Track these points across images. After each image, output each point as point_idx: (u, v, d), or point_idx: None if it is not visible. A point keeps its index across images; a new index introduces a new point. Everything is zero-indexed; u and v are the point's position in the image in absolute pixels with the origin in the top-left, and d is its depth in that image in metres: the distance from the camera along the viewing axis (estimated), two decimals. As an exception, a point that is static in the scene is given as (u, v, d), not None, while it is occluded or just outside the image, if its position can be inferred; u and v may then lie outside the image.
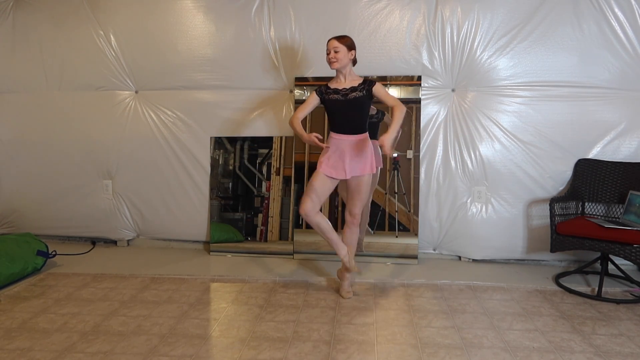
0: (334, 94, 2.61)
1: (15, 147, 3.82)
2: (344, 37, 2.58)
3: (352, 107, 2.57)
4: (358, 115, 2.58)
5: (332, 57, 2.54)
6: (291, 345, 2.19)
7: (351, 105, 2.57)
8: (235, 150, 3.61)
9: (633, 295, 2.80)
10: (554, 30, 3.13)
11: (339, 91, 2.61)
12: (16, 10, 3.71)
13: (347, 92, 2.59)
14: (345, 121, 2.59)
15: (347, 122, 2.59)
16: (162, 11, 3.50)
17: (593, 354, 2.12)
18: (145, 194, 3.70)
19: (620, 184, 3.07)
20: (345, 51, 2.55)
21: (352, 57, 2.59)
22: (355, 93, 2.57)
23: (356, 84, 2.60)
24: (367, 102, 2.59)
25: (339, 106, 2.59)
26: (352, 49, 2.58)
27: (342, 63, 2.56)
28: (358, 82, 2.61)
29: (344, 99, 2.58)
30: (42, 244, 3.23)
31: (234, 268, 3.26)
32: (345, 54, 2.55)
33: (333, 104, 2.61)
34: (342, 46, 2.54)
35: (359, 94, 2.57)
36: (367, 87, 2.57)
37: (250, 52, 3.44)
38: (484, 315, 2.53)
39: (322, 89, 2.66)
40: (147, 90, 3.63)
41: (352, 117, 2.58)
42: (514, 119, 3.23)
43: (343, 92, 2.60)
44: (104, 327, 2.37)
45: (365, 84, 2.58)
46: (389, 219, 3.39)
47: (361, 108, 2.58)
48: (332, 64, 2.56)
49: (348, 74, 2.62)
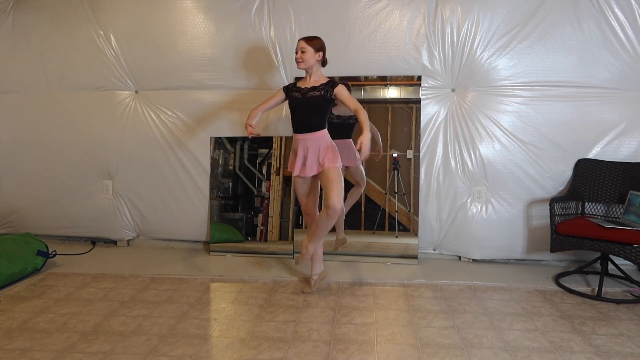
0: (295, 92, 2.68)
1: (16, 147, 3.82)
2: (313, 38, 2.62)
3: (308, 106, 2.61)
4: (313, 114, 2.61)
5: (299, 57, 2.60)
6: (291, 345, 2.19)
7: (307, 104, 2.61)
8: (235, 150, 3.61)
9: (633, 295, 2.80)
10: (554, 30, 3.13)
11: (301, 89, 2.66)
12: (16, 10, 3.71)
13: (307, 91, 2.63)
14: (300, 119, 2.64)
15: (302, 121, 2.63)
16: (162, 11, 3.50)
17: (593, 354, 2.12)
18: (145, 194, 3.70)
19: (620, 184, 3.07)
20: (312, 52, 2.59)
21: (319, 58, 2.64)
22: (314, 92, 2.61)
23: (318, 84, 2.63)
24: (324, 102, 2.60)
25: (297, 104, 2.66)
26: (319, 50, 2.62)
27: (308, 64, 2.61)
28: (321, 82, 2.64)
29: (302, 97, 2.63)
30: (42, 244, 3.23)
31: (234, 268, 3.26)
32: (312, 55, 2.60)
33: (292, 102, 2.68)
34: (309, 47, 2.59)
35: (316, 93, 2.60)
36: (328, 87, 2.59)
37: (250, 52, 3.44)
38: (484, 315, 2.53)
39: (289, 86, 2.74)
40: (147, 90, 3.63)
41: (307, 116, 2.61)
42: (514, 119, 3.23)
43: (304, 90, 2.65)
44: (104, 327, 2.37)
45: (328, 85, 2.60)
46: (389, 219, 3.39)
47: (316, 107, 2.60)
48: (299, 64, 2.62)
49: (314, 74, 2.66)
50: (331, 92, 2.58)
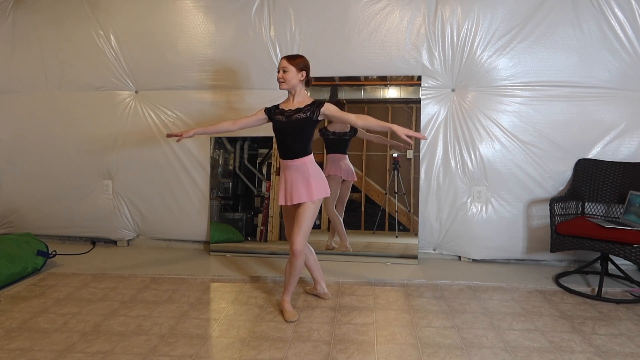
0: (279, 115, 2.50)
1: (15, 147, 3.82)
2: (296, 57, 2.47)
3: (292, 130, 2.44)
4: (297, 139, 2.44)
5: (280, 78, 2.45)
6: (291, 345, 2.19)
7: (292, 128, 2.44)
8: (235, 150, 3.61)
9: (633, 295, 2.80)
10: (554, 30, 3.13)
11: (284, 112, 2.48)
12: (16, 10, 3.71)
13: (291, 114, 2.46)
14: (285, 144, 2.46)
15: (287, 146, 2.46)
16: (162, 11, 3.50)
17: (593, 354, 2.12)
18: (145, 194, 3.70)
19: (620, 184, 3.07)
20: (295, 72, 2.43)
21: (302, 78, 2.46)
22: (298, 115, 2.44)
23: (302, 105, 2.46)
24: (309, 125, 2.44)
25: (281, 127, 2.48)
26: (303, 70, 2.46)
27: (290, 84, 2.44)
28: (305, 103, 2.46)
29: (287, 121, 2.46)
30: (42, 244, 3.23)
31: (234, 268, 3.26)
32: (294, 75, 2.43)
33: (277, 125, 2.50)
34: (291, 67, 2.43)
35: (301, 116, 2.43)
36: (313, 108, 2.43)
37: (250, 52, 3.44)
38: (484, 315, 2.53)
39: (272, 108, 2.56)
40: (147, 90, 3.63)
41: (291, 141, 2.44)
42: (514, 119, 3.23)
43: (288, 113, 2.47)
44: (104, 327, 2.37)
45: (313, 106, 2.44)
46: (389, 219, 3.39)
47: (301, 130, 2.44)
48: (280, 85, 2.47)
49: (297, 95, 2.49)
50: (317, 113, 2.42)
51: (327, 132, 3.39)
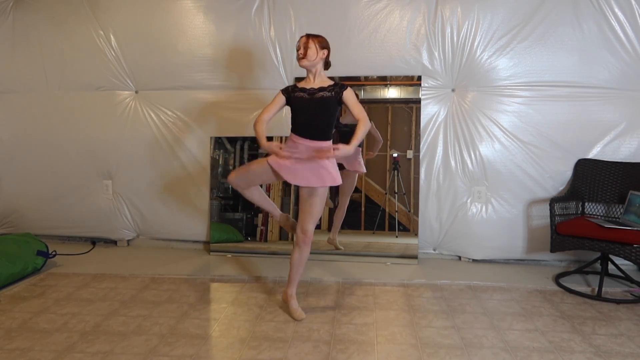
0: (300, 92, 2.40)
1: (16, 147, 3.82)
2: (317, 35, 2.41)
3: (317, 108, 2.36)
4: (323, 118, 2.38)
5: (301, 53, 2.36)
6: (291, 345, 2.19)
7: (317, 106, 2.36)
8: (235, 150, 3.61)
9: (633, 295, 2.80)
10: (554, 31, 3.13)
11: (306, 90, 2.40)
12: (16, 10, 3.71)
13: (314, 92, 2.38)
14: (308, 123, 2.38)
15: (310, 125, 2.37)
16: (162, 11, 3.50)
17: (593, 354, 2.12)
18: (145, 194, 3.70)
19: (620, 184, 3.07)
20: (316, 49, 2.36)
21: (323, 56, 2.40)
22: (323, 93, 2.37)
23: (326, 84, 2.41)
24: (334, 105, 2.38)
25: (304, 105, 2.38)
26: (324, 48, 2.40)
27: (311, 60, 2.36)
28: (328, 83, 2.42)
29: (310, 98, 2.37)
30: (42, 244, 3.23)
31: (234, 268, 3.26)
32: (316, 52, 2.36)
33: (298, 102, 2.39)
34: (313, 43, 2.36)
35: (327, 94, 2.36)
36: (337, 89, 2.37)
37: (250, 52, 3.44)
38: (484, 315, 2.53)
39: (289, 87, 2.47)
40: (147, 90, 3.63)
41: (316, 119, 2.37)
42: (514, 119, 3.23)
43: (310, 91, 2.39)
44: (104, 327, 2.37)
45: (336, 87, 2.38)
46: (389, 219, 3.39)
47: (327, 109, 2.37)
48: (300, 61, 2.37)
49: (318, 75, 2.42)
50: (340, 95, 2.36)
51: (339, 124, 3.32)
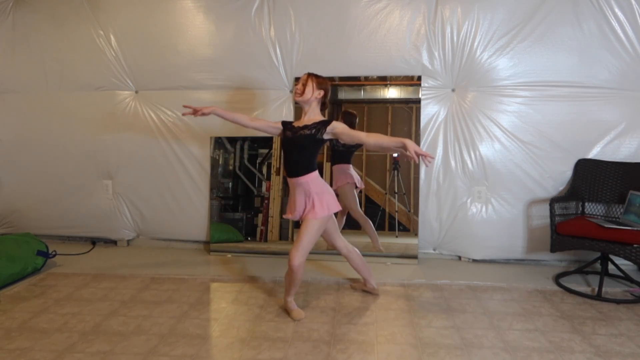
0: (288, 131, 2.49)
1: (16, 147, 3.82)
2: (320, 76, 2.48)
3: (295, 146, 2.43)
4: (298, 156, 2.42)
5: (298, 89, 2.45)
6: (291, 345, 2.19)
7: (295, 144, 2.43)
8: (235, 150, 3.61)
9: (633, 295, 2.79)
10: (554, 30, 3.13)
11: (293, 128, 2.47)
12: (16, 10, 3.71)
13: (297, 130, 2.44)
14: (288, 161, 2.47)
15: (289, 163, 2.46)
16: (162, 11, 3.50)
17: (593, 354, 2.12)
18: (145, 194, 3.70)
19: (620, 184, 3.07)
20: (313, 88, 2.43)
21: (319, 96, 2.45)
22: (303, 131, 2.41)
23: (311, 122, 2.43)
24: (313, 143, 2.40)
25: (286, 144, 2.48)
26: (322, 89, 2.45)
27: (305, 98, 2.43)
28: (314, 121, 2.43)
29: (292, 137, 2.45)
30: (42, 244, 3.23)
31: (234, 268, 3.26)
32: (312, 91, 2.43)
33: (283, 141, 2.52)
34: (311, 82, 2.44)
35: (306, 132, 2.40)
36: (319, 126, 2.39)
37: (250, 52, 3.44)
38: (484, 315, 2.53)
39: (286, 122, 2.56)
40: (147, 90, 3.63)
41: (294, 157, 2.44)
42: (514, 119, 3.23)
43: (295, 129, 2.45)
44: (104, 327, 2.37)
45: (320, 124, 2.40)
46: (389, 219, 3.39)
47: (304, 148, 2.41)
48: (295, 96, 2.47)
49: (309, 112, 2.47)
50: (323, 131, 2.36)
51: (338, 144, 3.37)
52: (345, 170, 3.37)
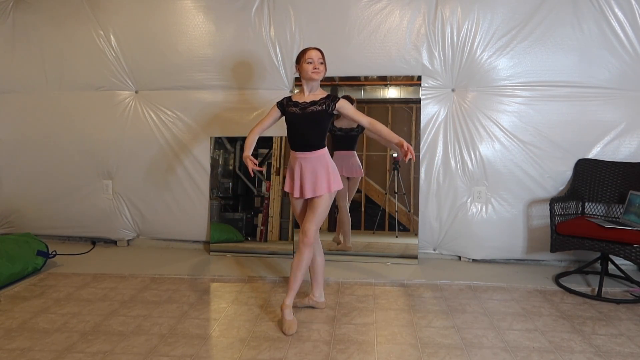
0: (293, 107, 2.46)
1: (16, 147, 3.82)
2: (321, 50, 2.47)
3: (308, 122, 2.41)
4: (313, 131, 2.42)
5: (317, 68, 2.40)
6: (291, 345, 2.19)
7: (307, 120, 2.41)
8: (235, 150, 3.61)
9: (633, 295, 2.80)
10: (554, 31, 3.13)
11: (299, 104, 2.45)
12: (16, 10, 3.71)
13: (306, 106, 2.43)
14: (300, 136, 2.44)
15: (302, 138, 2.43)
16: (162, 11, 3.50)
17: (593, 354, 2.12)
18: (145, 194, 3.70)
19: (620, 184, 3.07)
20: (325, 65, 2.45)
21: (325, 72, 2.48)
22: (314, 107, 2.41)
23: (317, 98, 2.44)
24: (325, 118, 2.42)
25: (295, 120, 2.44)
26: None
27: (322, 76, 2.44)
28: (320, 96, 2.45)
29: (302, 113, 2.42)
30: (42, 244, 3.23)
31: (234, 268, 3.26)
32: (325, 68, 2.45)
33: (290, 117, 2.46)
34: (324, 59, 2.44)
35: (317, 108, 2.40)
36: (328, 102, 2.41)
37: (250, 52, 3.44)
38: (484, 315, 2.53)
39: (283, 101, 2.51)
40: (147, 90, 3.63)
41: (307, 133, 2.42)
42: (514, 119, 3.23)
43: (302, 105, 2.43)
44: (104, 327, 2.37)
45: (328, 99, 2.42)
46: (389, 219, 3.39)
47: (318, 123, 2.41)
48: (315, 75, 2.41)
49: (315, 88, 2.47)
50: (333, 107, 2.39)
51: (334, 128, 3.36)
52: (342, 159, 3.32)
